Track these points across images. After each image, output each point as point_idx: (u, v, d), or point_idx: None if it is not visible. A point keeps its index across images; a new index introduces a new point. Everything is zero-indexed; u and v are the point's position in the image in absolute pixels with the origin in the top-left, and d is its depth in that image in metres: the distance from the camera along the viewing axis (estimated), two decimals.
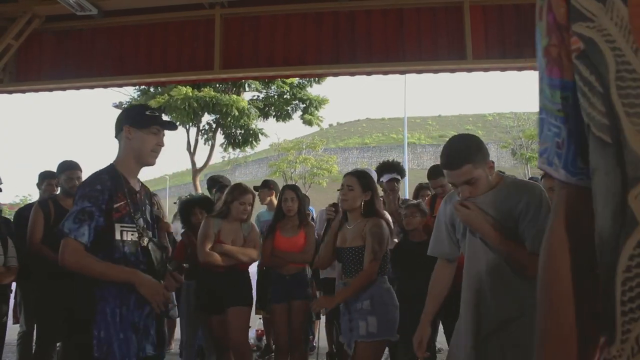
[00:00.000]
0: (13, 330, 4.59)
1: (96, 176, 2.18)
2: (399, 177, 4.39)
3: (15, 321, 4.62)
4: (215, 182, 5.28)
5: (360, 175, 3.15)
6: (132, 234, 2.18)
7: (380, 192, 4.80)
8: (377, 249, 2.91)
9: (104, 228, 2.10)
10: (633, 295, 0.57)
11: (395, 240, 3.99)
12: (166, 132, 2.34)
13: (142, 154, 2.26)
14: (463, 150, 2.08)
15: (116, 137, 2.29)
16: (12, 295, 4.46)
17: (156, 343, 2.28)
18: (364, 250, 2.96)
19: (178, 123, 17.08)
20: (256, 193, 4.40)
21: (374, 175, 4.36)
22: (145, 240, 2.22)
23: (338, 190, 4.83)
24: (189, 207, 4.33)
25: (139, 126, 2.24)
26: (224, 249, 3.61)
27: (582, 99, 0.64)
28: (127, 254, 2.15)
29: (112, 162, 2.29)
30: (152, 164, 2.32)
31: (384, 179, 4.42)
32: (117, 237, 2.13)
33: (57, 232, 2.09)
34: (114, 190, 2.16)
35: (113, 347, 2.04)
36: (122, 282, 2.09)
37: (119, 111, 19.59)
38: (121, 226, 2.15)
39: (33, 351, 4.08)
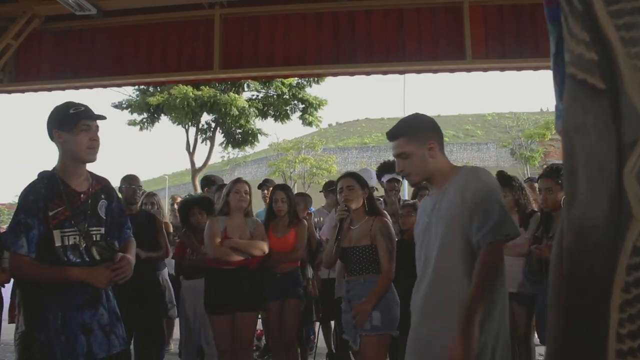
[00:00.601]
0: (10, 330, 4.59)
1: (31, 186, 2.20)
2: (399, 178, 4.38)
3: (11, 320, 4.62)
4: (209, 182, 5.28)
5: (354, 175, 3.30)
6: (74, 238, 2.17)
7: (381, 192, 4.80)
8: (391, 248, 3.06)
9: (44, 236, 2.11)
10: (634, 328, 0.38)
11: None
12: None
13: (77, 154, 2.20)
14: (402, 124, 2.16)
15: (52, 140, 2.24)
16: (10, 295, 4.47)
17: (126, 339, 2.32)
18: (371, 250, 3.08)
19: (177, 123, 17.13)
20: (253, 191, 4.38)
21: (373, 175, 4.36)
22: (84, 243, 2.19)
23: (331, 189, 4.87)
24: (188, 207, 4.31)
25: (66, 128, 2.17)
26: (233, 243, 3.56)
27: (564, 29, 0.45)
28: (71, 258, 2.15)
29: (53, 167, 2.27)
30: (92, 160, 2.25)
31: (385, 178, 4.41)
32: (58, 243, 2.13)
33: (2, 245, 2.15)
34: (50, 198, 2.15)
35: (54, 349, 2.08)
36: (72, 281, 2.11)
37: (118, 111, 19.07)
38: (61, 232, 2.14)
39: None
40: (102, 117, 2.29)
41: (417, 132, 2.10)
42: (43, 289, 2.13)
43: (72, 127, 2.16)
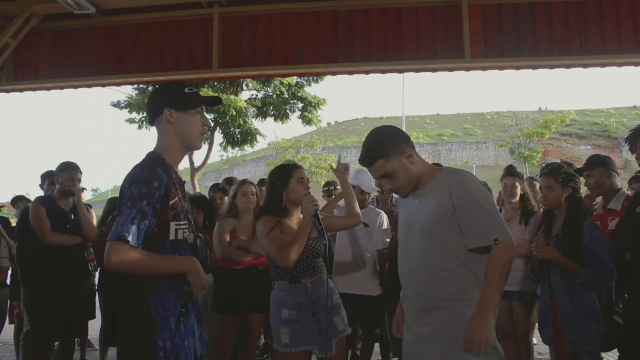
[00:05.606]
0: (10, 330, 4.59)
1: (151, 171, 1.82)
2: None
3: (11, 321, 4.61)
4: (229, 183, 5.24)
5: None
6: (184, 232, 1.91)
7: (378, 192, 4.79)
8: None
9: (157, 229, 1.80)
10: None
11: (388, 239, 3.97)
12: None
13: (190, 138, 1.95)
14: (373, 147, 2.12)
15: (152, 123, 1.98)
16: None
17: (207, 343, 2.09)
18: None
19: None
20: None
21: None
22: (192, 236, 1.98)
23: (324, 189, 4.94)
24: None
25: (182, 108, 1.92)
26: (241, 243, 3.58)
27: None
28: (182, 254, 1.90)
29: (154, 150, 1.95)
30: (200, 147, 2.05)
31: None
32: (172, 237, 1.85)
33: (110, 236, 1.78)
34: (169, 185, 1.84)
35: (180, 357, 1.83)
36: (176, 271, 1.83)
37: (116, 110, 18.95)
38: (176, 224, 1.86)
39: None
40: (220, 101, 2.15)
41: (390, 148, 2.10)
42: (163, 292, 1.81)
43: (189, 107, 1.94)
